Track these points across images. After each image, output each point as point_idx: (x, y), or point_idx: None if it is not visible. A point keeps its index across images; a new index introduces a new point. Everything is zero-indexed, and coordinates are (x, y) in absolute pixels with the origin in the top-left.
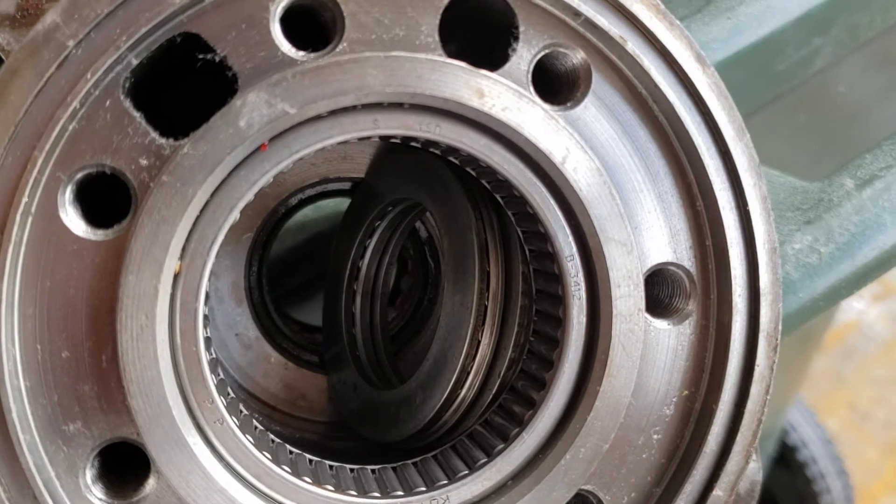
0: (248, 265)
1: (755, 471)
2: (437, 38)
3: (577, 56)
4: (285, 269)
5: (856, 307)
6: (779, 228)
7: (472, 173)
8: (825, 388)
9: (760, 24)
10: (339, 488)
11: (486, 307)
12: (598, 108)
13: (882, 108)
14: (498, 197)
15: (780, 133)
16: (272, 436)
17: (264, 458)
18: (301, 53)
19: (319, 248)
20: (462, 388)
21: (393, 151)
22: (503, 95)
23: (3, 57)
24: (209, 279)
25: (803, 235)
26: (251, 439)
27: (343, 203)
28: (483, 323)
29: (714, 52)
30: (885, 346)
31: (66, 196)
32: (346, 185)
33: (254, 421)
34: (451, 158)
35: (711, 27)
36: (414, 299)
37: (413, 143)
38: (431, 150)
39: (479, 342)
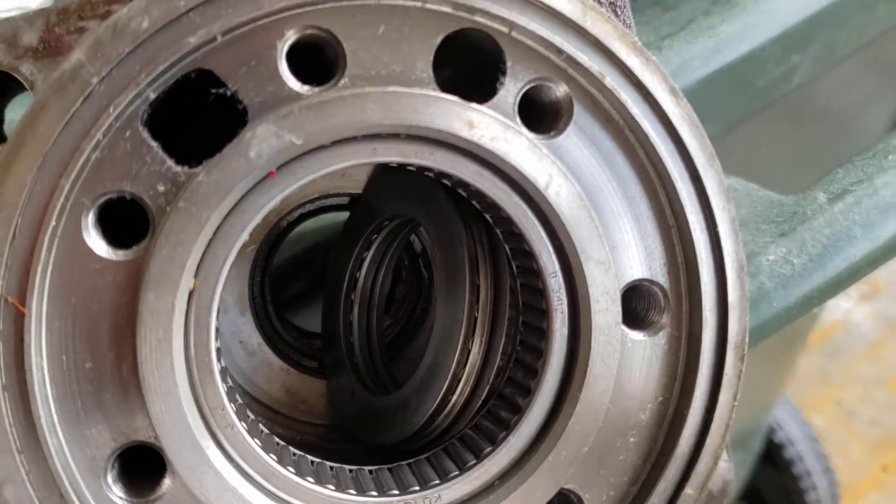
0: (251, 276)
1: (727, 470)
2: (430, 73)
3: (560, 90)
4: (285, 279)
5: (843, 306)
6: (755, 240)
7: (464, 195)
8: (812, 386)
9: (741, 42)
10: (340, 487)
11: (476, 319)
12: (579, 138)
13: (860, 120)
14: (487, 217)
15: (761, 146)
16: (277, 438)
17: (271, 460)
18: (306, 88)
19: (318, 259)
20: (453, 394)
21: (390, 170)
22: (491, 126)
23: (28, 87)
24: None
25: (778, 247)
26: (258, 442)
27: (340, 216)
28: (473, 333)
29: (696, 69)
30: (871, 345)
31: (90, 220)
32: (345, 201)
33: (260, 425)
34: (444, 181)
35: (693, 45)
36: (408, 308)
37: (409, 167)
38: (426, 172)
39: (470, 351)
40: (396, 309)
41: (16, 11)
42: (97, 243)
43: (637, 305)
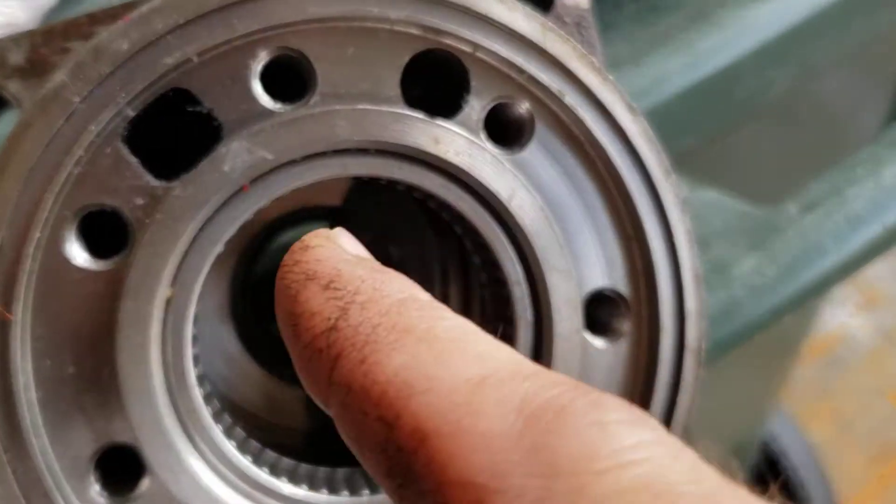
0: (231, 286)
1: None
2: (398, 91)
3: (522, 107)
4: (266, 289)
5: (840, 317)
6: (727, 251)
7: (433, 207)
8: (810, 397)
9: (718, 55)
10: (313, 487)
11: None
12: (541, 153)
13: (849, 127)
14: (456, 228)
15: (746, 155)
16: (254, 441)
17: (246, 461)
18: (278, 105)
19: None
20: None
21: (365, 184)
22: (456, 142)
23: (16, 104)
24: (197, 302)
25: (750, 259)
26: (234, 444)
27: (319, 226)
28: None
29: (674, 83)
30: (869, 356)
31: (71, 232)
32: (324, 213)
33: (238, 428)
34: (414, 195)
35: (671, 60)
36: None
37: (380, 181)
38: (396, 187)
39: None
40: None
41: (6, 29)
42: (79, 254)
43: (599, 313)
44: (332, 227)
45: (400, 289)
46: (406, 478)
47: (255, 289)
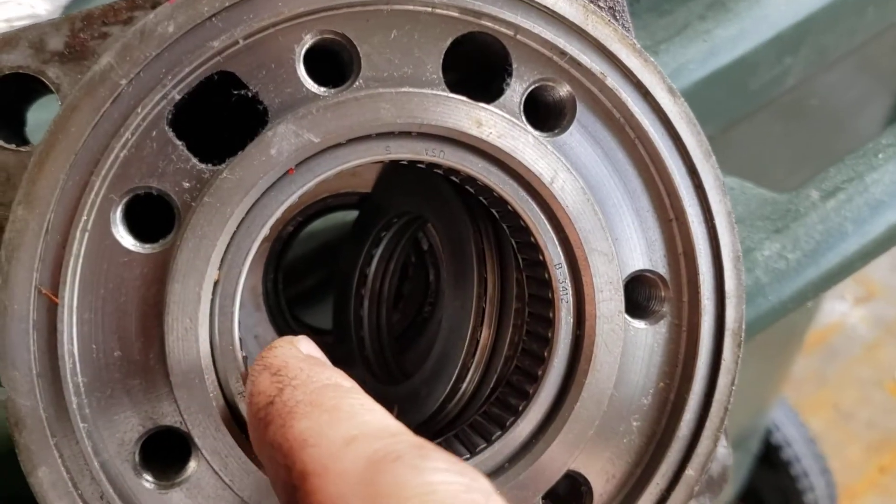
0: (265, 273)
1: (725, 456)
2: (440, 74)
3: (563, 89)
4: (297, 276)
5: (839, 309)
6: (750, 236)
7: (471, 190)
8: (809, 388)
9: (735, 45)
10: None
11: (483, 310)
12: (582, 135)
13: (854, 119)
14: (494, 211)
15: (757, 145)
16: None
17: None
18: (323, 89)
19: (326, 256)
20: (463, 382)
21: (397, 169)
22: (499, 125)
23: (54, 90)
24: None
25: (772, 243)
26: None
27: (348, 215)
28: (481, 324)
29: (692, 72)
30: (867, 347)
31: (118, 215)
32: (354, 199)
33: None
34: (453, 178)
35: (689, 49)
36: (415, 303)
37: (419, 164)
38: (435, 170)
39: (478, 341)
40: (404, 305)
41: (27, 20)
42: (125, 237)
43: (639, 295)
44: (360, 214)
45: (328, 377)
46: None
47: (286, 275)
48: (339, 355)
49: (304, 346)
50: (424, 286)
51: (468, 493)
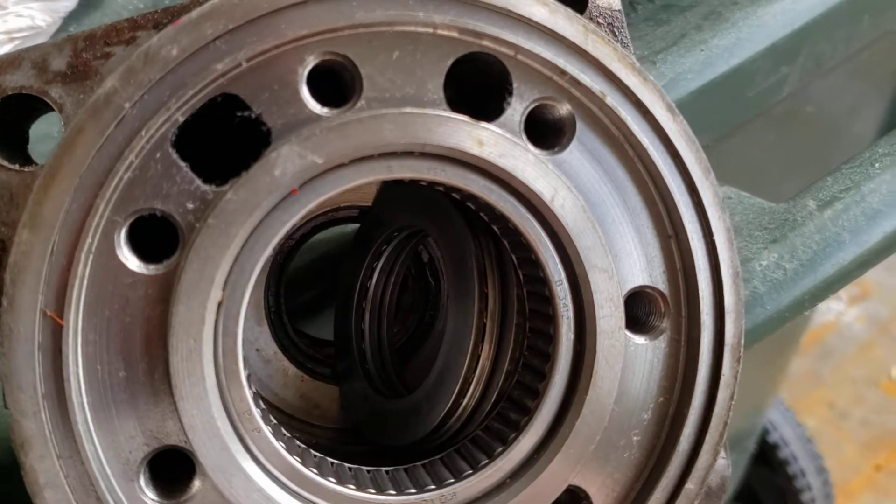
0: (266, 287)
1: (724, 467)
2: (442, 94)
3: (563, 108)
4: (298, 289)
5: (834, 309)
6: (747, 246)
7: (473, 207)
8: (805, 387)
9: (732, 55)
10: (360, 487)
11: (484, 325)
12: (581, 153)
13: (849, 128)
14: (495, 228)
15: (753, 154)
16: (298, 442)
17: (295, 462)
18: (325, 110)
19: (326, 268)
20: (464, 397)
21: (398, 183)
22: (499, 144)
23: (57, 109)
24: None
25: (770, 253)
26: (283, 445)
27: (349, 228)
28: (482, 339)
29: (689, 81)
30: (862, 347)
31: (122, 237)
32: (355, 213)
33: (282, 429)
34: (454, 195)
35: (686, 59)
36: (415, 316)
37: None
38: (436, 187)
39: (479, 357)
40: (404, 317)
41: (27, 32)
42: (129, 259)
43: (639, 311)
44: (361, 227)
45: None
46: None
47: (287, 288)
48: (341, 368)
49: None
50: (424, 297)
51: None
